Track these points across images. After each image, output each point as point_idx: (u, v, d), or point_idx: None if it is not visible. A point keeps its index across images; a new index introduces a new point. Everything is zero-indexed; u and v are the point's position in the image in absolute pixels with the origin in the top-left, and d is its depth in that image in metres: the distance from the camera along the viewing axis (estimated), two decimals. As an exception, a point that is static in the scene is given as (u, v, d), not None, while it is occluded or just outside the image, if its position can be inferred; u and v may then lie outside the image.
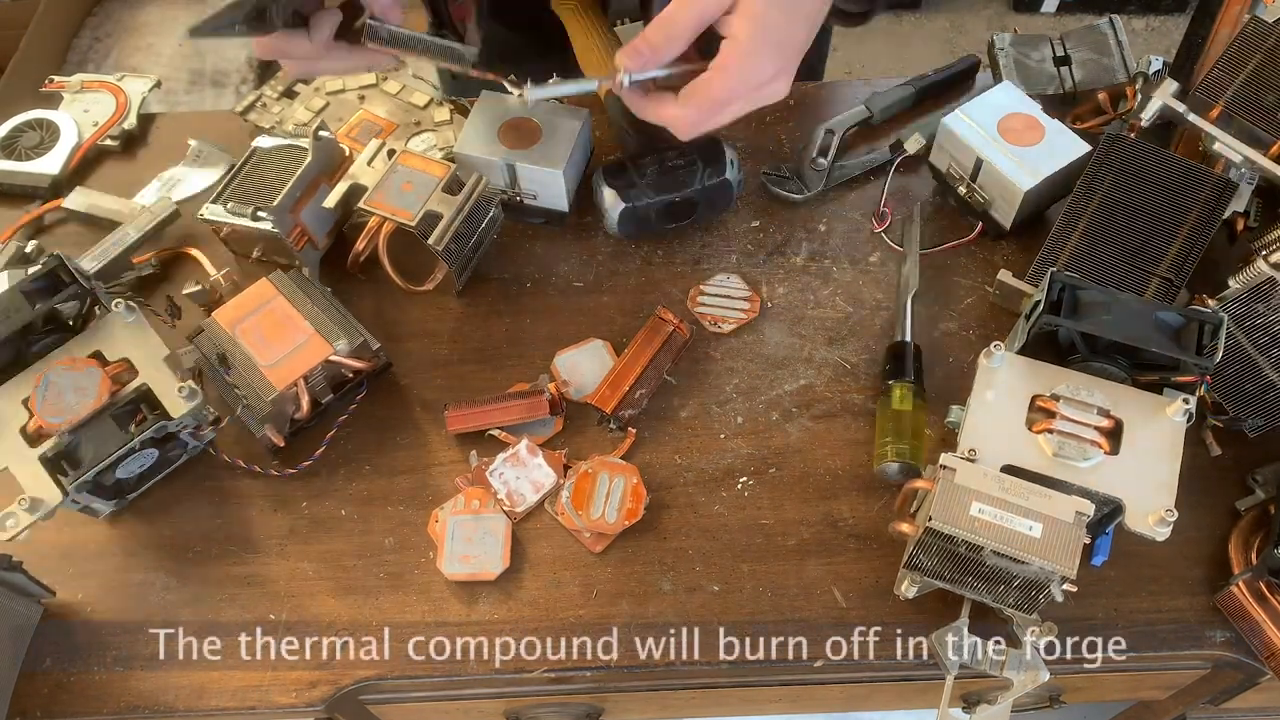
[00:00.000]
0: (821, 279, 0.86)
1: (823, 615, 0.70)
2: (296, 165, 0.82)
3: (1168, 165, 0.80)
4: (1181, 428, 0.65)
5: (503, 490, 0.75)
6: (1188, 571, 0.72)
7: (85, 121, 0.96)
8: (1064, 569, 0.59)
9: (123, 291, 0.83)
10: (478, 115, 0.86)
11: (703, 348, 0.82)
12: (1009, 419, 0.66)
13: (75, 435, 0.69)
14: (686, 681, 0.75)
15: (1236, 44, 0.79)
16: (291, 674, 0.69)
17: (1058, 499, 0.61)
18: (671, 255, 0.88)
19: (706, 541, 0.73)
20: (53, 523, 0.73)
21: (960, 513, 0.60)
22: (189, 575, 0.73)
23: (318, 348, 0.74)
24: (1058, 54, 0.94)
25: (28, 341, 0.73)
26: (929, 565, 0.65)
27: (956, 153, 0.85)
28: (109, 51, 2.06)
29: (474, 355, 0.82)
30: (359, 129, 0.93)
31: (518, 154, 0.83)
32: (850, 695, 0.81)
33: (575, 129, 0.84)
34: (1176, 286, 0.77)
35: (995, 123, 0.83)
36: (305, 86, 0.98)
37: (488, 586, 0.72)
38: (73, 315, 0.75)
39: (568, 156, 0.83)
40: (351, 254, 0.84)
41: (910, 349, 0.78)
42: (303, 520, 0.75)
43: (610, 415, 0.76)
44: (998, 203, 0.84)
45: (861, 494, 0.75)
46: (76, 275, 0.73)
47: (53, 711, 0.68)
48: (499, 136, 0.84)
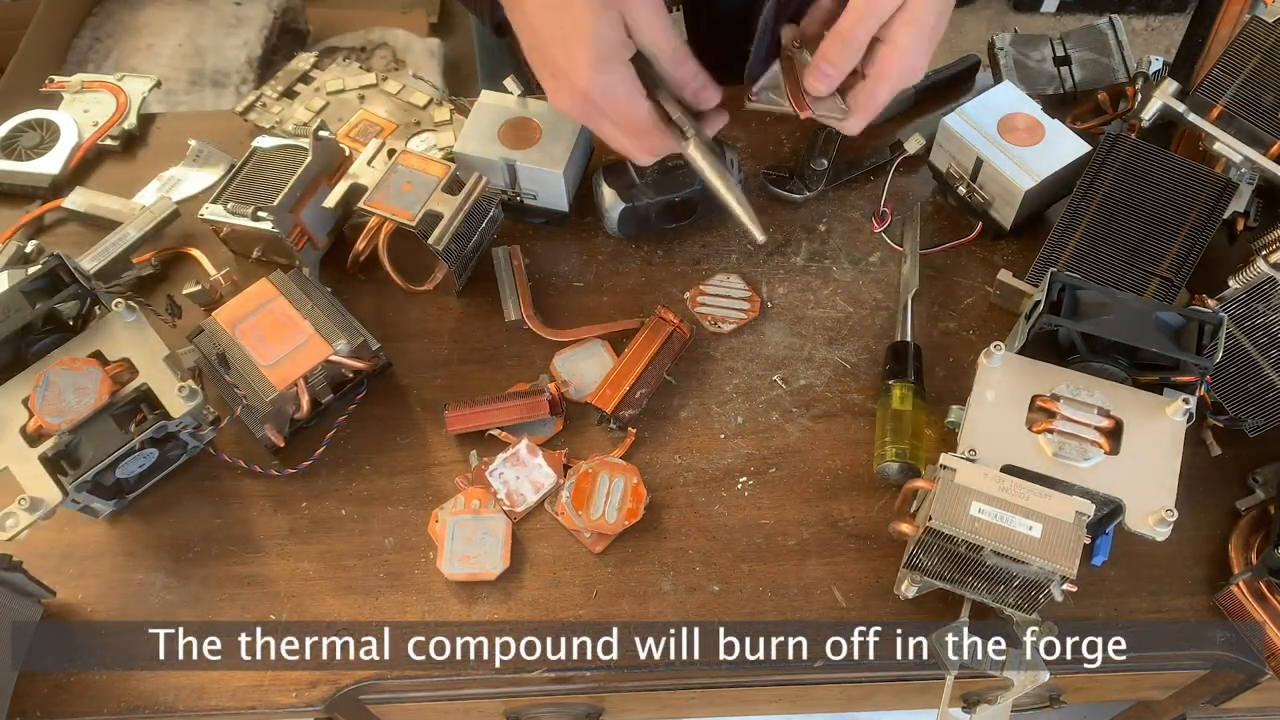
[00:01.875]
0: (821, 279, 0.86)
1: (823, 615, 0.70)
2: (296, 165, 0.82)
3: (1168, 165, 0.80)
4: (1181, 427, 0.65)
5: (503, 490, 0.75)
6: (1188, 571, 0.72)
7: (85, 121, 0.96)
8: (1064, 569, 0.59)
9: (123, 291, 0.83)
10: (478, 115, 0.85)
11: (703, 348, 0.82)
12: (1009, 419, 0.66)
13: (75, 435, 0.69)
14: (686, 681, 0.75)
15: (1236, 44, 0.79)
16: (291, 674, 0.69)
17: (1058, 499, 0.61)
18: (671, 255, 0.88)
19: (706, 541, 0.73)
20: (53, 523, 0.73)
21: (960, 513, 0.60)
22: (189, 575, 0.73)
23: (318, 348, 0.74)
24: (1058, 54, 0.94)
25: (28, 341, 0.72)
26: (929, 565, 0.65)
27: (956, 153, 0.85)
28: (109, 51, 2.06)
29: (474, 355, 0.82)
30: (359, 129, 0.93)
31: (518, 154, 0.83)
32: (850, 695, 0.81)
33: (575, 129, 0.84)
34: (1176, 286, 0.77)
35: (995, 123, 0.83)
36: (305, 86, 0.98)
37: (488, 586, 0.72)
38: (73, 315, 0.75)
39: (568, 157, 0.83)
40: (351, 254, 0.84)
41: (910, 349, 0.78)
42: (303, 520, 0.75)
43: (610, 415, 0.76)
44: (998, 203, 0.84)
45: (861, 494, 0.75)
46: (76, 275, 0.73)
47: (53, 711, 0.68)
48: (499, 136, 0.84)
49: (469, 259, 0.83)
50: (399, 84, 0.97)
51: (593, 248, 0.88)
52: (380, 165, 0.81)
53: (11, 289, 0.72)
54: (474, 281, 0.85)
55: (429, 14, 2.38)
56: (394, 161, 0.80)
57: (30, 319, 0.71)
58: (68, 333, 0.74)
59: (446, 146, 0.92)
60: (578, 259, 0.88)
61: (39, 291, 0.73)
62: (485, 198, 0.81)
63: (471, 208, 0.79)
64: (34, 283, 0.72)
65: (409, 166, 0.80)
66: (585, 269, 0.87)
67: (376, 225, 0.82)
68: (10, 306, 0.71)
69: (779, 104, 0.73)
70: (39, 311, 0.71)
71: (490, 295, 0.85)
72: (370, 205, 0.79)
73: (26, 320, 0.71)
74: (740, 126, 0.95)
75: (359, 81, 0.97)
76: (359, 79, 0.98)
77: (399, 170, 0.80)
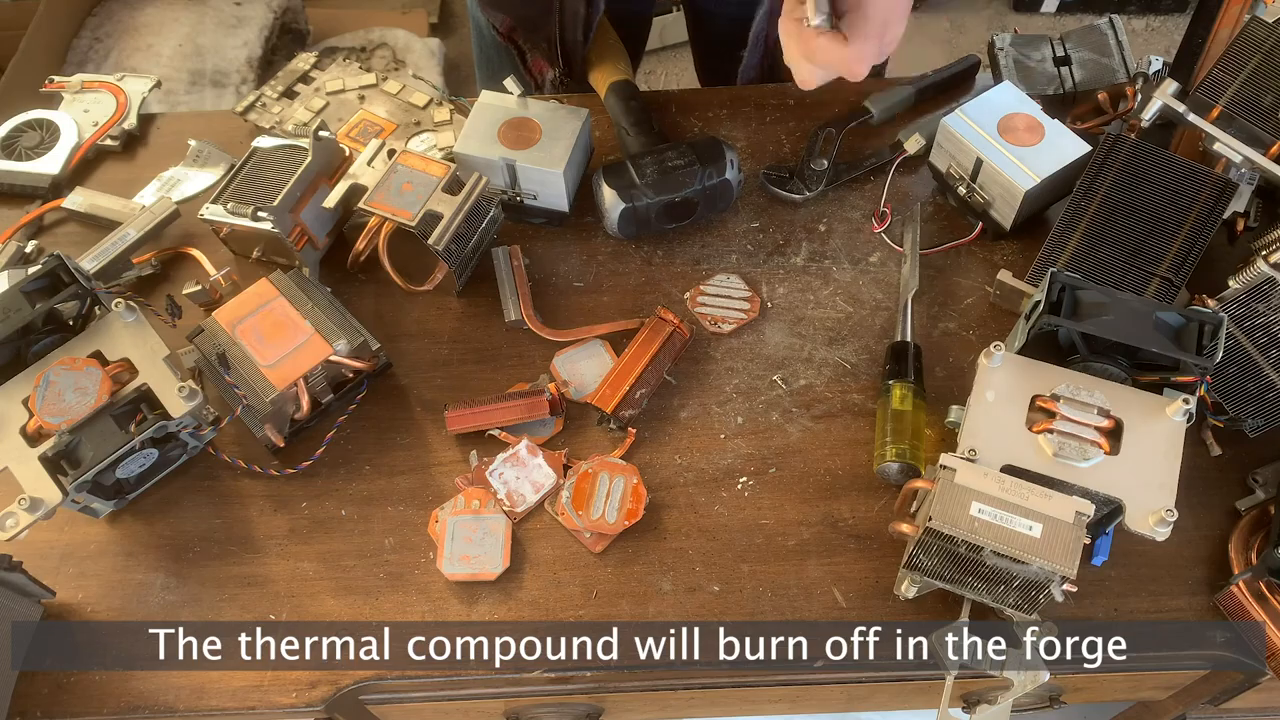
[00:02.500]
0: (821, 279, 0.86)
1: (823, 615, 0.70)
2: (296, 165, 0.82)
3: (1168, 165, 0.80)
4: (1181, 428, 0.65)
5: (503, 490, 0.75)
6: (1188, 571, 0.72)
7: (85, 121, 0.96)
8: (1064, 569, 0.59)
9: (123, 291, 0.83)
10: (477, 115, 0.86)
11: (703, 348, 0.82)
12: (1009, 419, 0.66)
13: (75, 435, 0.69)
14: (686, 681, 0.75)
15: (1236, 44, 0.79)
16: (291, 674, 0.69)
17: (1058, 499, 0.61)
18: (671, 255, 0.88)
19: (706, 541, 0.73)
20: (53, 523, 0.73)
21: (960, 513, 0.60)
22: (189, 575, 0.73)
23: (317, 348, 0.74)
24: (1058, 54, 0.94)
25: (28, 341, 0.73)
26: (929, 565, 0.65)
27: (956, 153, 0.85)
28: (109, 52, 2.05)
29: (474, 355, 0.82)
30: (359, 129, 0.93)
31: (518, 154, 0.83)
32: (850, 695, 0.81)
33: (575, 129, 0.84)
34: (1176, 286, 0.77)
35: (995, 123, 0.83)
36: (305, 86, 0.98)
37: (488, 586, 0.72)
38: (73, 315, 0.75)
39: (568, 156, 0.83)
40: (351, 254, 0.84)
41: (911, 349, 0.78)
42: (303, 520, 0.75)
43: (610, 415, 0.76)
44: (998, 203, 0.84)
45: (861, 494, 0.75)
46: (76, 275, 0.73)
47: (53, 711, 0.68)
48: (499, 136, 0.84)
49: (469, 259, 0.83)
50: (399, 84, 0.97)
51: (593, 248, 0.88)
52: (380, 165, 0.81)
53: (12, 289, 0.72)
54: (474, 281, 0.85)
55: (429, 14, 2.38)
56: (394, 162, 0.80)
57: (30, 319, 0.71)
58: (68, 333, 0.74)
59: (446, 146, 0.92)
60: (578, 259, 0.88)
61: (39, 291, 0.73)
62: (485, 198, 0.81)
63: (471, 208, 0.79)
64: (34, 283, 0.72)
65: (409, 167, 0.80)
66: (585, 269, 0.87)
67: (376, 225, 0.82)
68: (10, 306, 0.71)
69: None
70: (39, 311, 0.71)
71: (490, 295, 0.85)
72: (370, 205, 0.79)
73: (26, 320, 0.71)
74: (740, 126, 0.95)
75: (359, 82, 0.97)
76: (359, 79, 0.98)
77: (399, 170, 0.80)
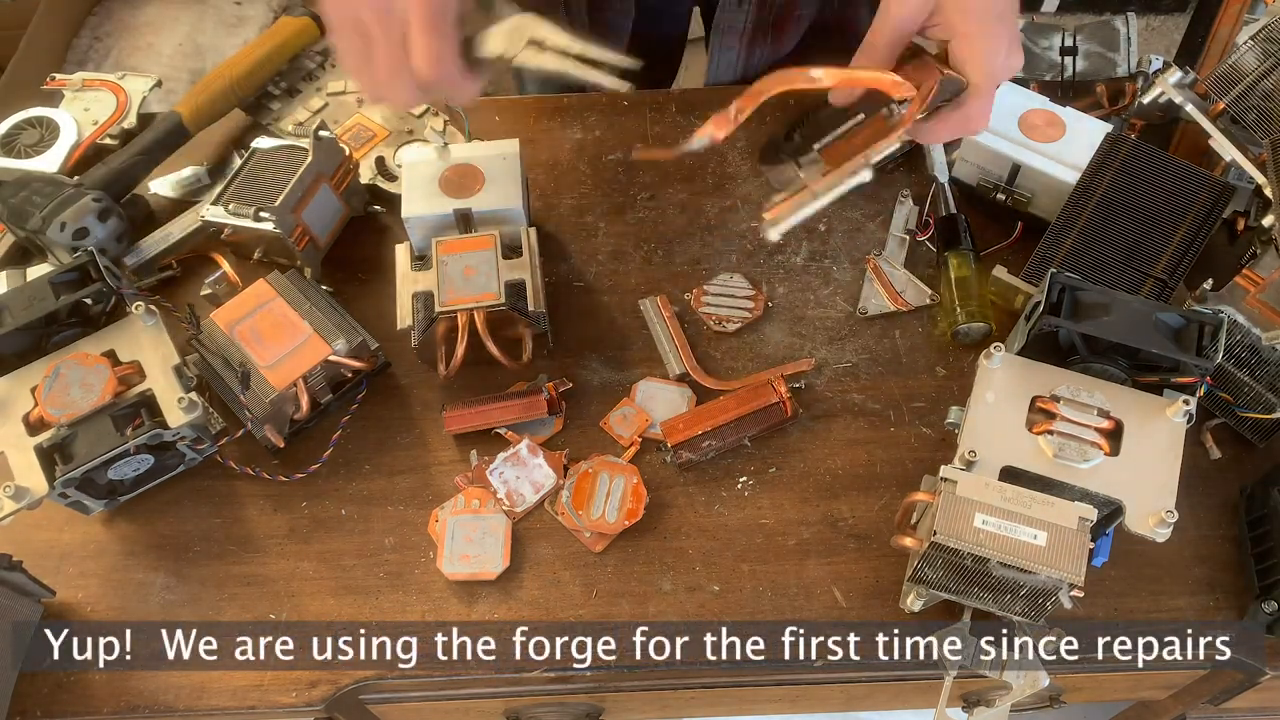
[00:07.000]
0: (821, 279, 0.86)
1: (823, 615, 0.70)
2: (297, 165, 0.82)
3: (1167, 167, 0.79)
4: (1182, 429, 0.65)
5: (503, 490, 0.75)
6: (1188, 571, 0.72)
7: (85, 120, 0.96)
8: (1072, 576, 0.59)
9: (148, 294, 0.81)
10: (410, 175, 0.81)
11: (703, 347, 0.82)
12: (1009, 420, 0.66)
13: (73, 430, 0.69)
14: (686, 681, 0.75)
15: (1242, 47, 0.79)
16: (291, 674, 0.69)
17: (1060, 505, 0.61)
18: (671, 255, 0.88)
19: (706, 541, 0.73)
20: (53, 523, 0.73)
21: (964, 525, 0.60)
22: (189, 575, 0.73)
23: (316, 348, 0.74)
24: (1066, 44, 0.94)
25: (50, 331, 0.73)
26: (934, 579, 0.64)
27: (987, 164, 0.85)
28: (109, 51, 2.05)
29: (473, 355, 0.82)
30: (352, 133, 0.93)
31: (471, 200, 0.80)
32: (850, 695, 0.81)
33: (513, 158, 0.82)
34: (1170, 287, 0.77)
35: (1015, 126, 0.84)
36: (306, 86, 0.98)
37: (488, 586, 0.72)
38: (99, 312, 0.75)
39: (520, 187, 0.81)
40: (452, 362, 0.77)
41: (961, 220, 0.83)
42: (303, 520, 0.75)
43: (672, 447, 0.75)
44: (1039, 199, 0.84)
45: (861, 494, 0.75)
46: (103, 273, 0.73)
47: (53, 711, 0.68)
48: (442, 189, 0.80)
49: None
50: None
51: (593, 248, 0.88)
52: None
53: (41, 279, 0.73)
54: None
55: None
56: (437, 254, 0.78)
57: (54, 309, 0.72)
58: (90, 328, 0.74)
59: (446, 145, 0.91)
60: (578, 259, 0.88)
61: (67, 284, 0.74)
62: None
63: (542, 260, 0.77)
64: (64, 275, 0.74)
65: (451, 254, 0.78)
66: (585, 269, 0.87)
67: (466, 320, 0.77)
68: (36, 295, 0.72)
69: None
70: (63, 303, 0.72)
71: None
72: (450, 304, 0.76)
73: (49, 310, 0.72)
74: (740, 126, 0.95)
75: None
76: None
77: (448, 261, 0.77)
